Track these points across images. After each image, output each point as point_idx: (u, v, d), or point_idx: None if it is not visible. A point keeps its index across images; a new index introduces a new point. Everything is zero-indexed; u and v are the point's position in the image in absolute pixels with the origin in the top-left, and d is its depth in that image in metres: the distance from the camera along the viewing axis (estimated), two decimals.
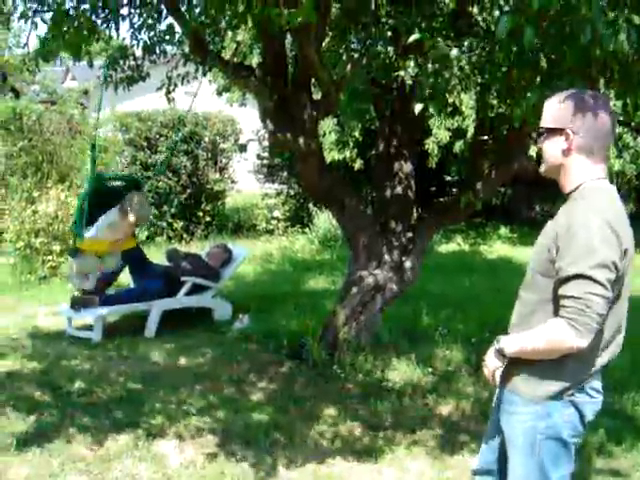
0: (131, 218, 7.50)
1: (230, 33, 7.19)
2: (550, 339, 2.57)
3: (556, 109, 2.73)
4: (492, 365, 2.83)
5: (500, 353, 2.78)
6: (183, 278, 7.65)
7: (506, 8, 4.01)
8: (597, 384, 2.77)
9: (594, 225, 2.50)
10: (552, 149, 2.76)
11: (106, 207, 7.56)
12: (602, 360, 2.70)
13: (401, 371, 6.12)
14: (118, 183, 8.14)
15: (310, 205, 15.45)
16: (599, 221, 2.51)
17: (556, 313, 2.61)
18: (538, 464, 2.74)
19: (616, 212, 2.62)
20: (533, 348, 2.65)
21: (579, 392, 2.70)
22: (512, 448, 2.84)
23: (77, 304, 7.27)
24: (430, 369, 6.19)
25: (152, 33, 6.06)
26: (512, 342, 2.75)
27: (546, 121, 2.78)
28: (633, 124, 6.36)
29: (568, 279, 2.52)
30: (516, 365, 2.76)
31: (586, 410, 2.74)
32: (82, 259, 7.39)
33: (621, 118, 6.10)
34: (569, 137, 2.68)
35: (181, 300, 7.67)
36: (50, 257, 10.20)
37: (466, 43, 4.71)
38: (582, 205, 2.60)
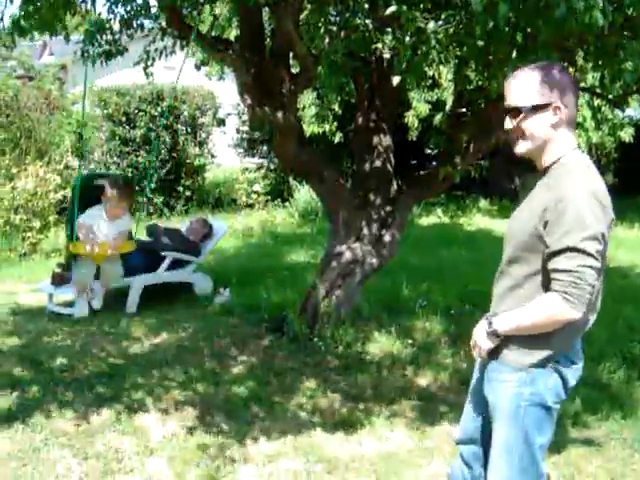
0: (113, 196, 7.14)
1: (207, 7, 7.14)
2: (546, 314, 2.62)
3: (537, 84, 2.70)
4: (486, 346, 2.84)
5: (494, 334, 2.80)
6: (163, 253, 7.65)
7: None
8: (578, 348, 2.85)
9: (583, 199, 2.54)
10: (540, 125, 2.71)
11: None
12: (588, 325, 2.77)
13: (381, 343, 6.17)
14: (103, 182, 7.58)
15: (290, 179, 15.44)
16: (587, 194, 2.55)
17: (545, 285, 2.66)
18: (522, 430, 2.80)
19: (601, 183, 2.65)
20: (532, 324, 2.68)
21: (564, 359, 2.77)
22: (497, 415, 2.89)
23: (57, 280, 7.27)
24: (410, 341, 6.24)
25: (129, 7, 6.01)
26: (506, 321, 2.77)
27: (527, 99, 2.71)
28: (611, 96, 6.36)
29: (560, 252, 2.56)
30: (506, 337, 2.80)
31: (569, 376, 2.80)
32: (79, 267, 7.12)
33: (598, 90, 6.14)
34: (559, 110, 2.69)
35: (162, 275, 7.68)
36: (30, 234, 10.18)
37: (443, 16, 4.71)
38: (569, 179, 2.63)
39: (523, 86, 2.74)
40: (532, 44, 4.05)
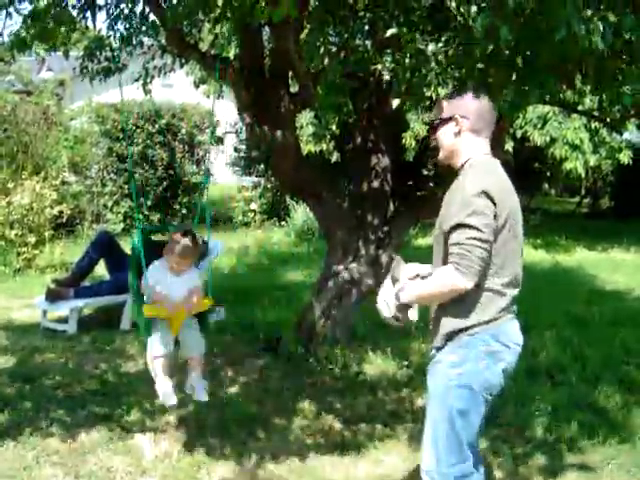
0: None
1: (208, 25, 7.15)
2: (440, 283, 2.96)
3: (445, 104, 3.20)
4: (392, 309, 3.24)
5: (402, 305, 3.18)
6: None
7: (484, 4, 4.01)
8: (510, 330, 3.04)
9: (469, 188, 2.91)
10: (446, 134, 3.16)
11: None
12: (507, 299, 2.98)
13: (376, 364, 6.15)
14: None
15: (287, 198, 15.43)
16: (474, 186, 2.90)
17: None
18: (447, 410, 3.01)
19: (495, 181, 2.98)
20: (429, 293, 3.06)
21: (492, 339, 2.96)
22: (430, 394, 3.14)
23: (52, 296, 7.23)
24: (405, 362, 6.21)
25: (129, 24, 6.02)
26: (408, 292, 3.13)
27: (438, 114, 3.22)
28: (608, 120, 6.37)
29: (450, 230, 2.91)
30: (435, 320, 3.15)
31: (501, 357, 2.99)
32: (153, 341, 4.78)
33: (596, 113, 6.15)
34: (458, 121, 3.10)
35: None
36: (25, 249, 10.14)
37: (443, 38, 4.72)
38: (465, 178, 3.01)
39: (437, 106, 3.30)
40: (531, 67, 4.05)
